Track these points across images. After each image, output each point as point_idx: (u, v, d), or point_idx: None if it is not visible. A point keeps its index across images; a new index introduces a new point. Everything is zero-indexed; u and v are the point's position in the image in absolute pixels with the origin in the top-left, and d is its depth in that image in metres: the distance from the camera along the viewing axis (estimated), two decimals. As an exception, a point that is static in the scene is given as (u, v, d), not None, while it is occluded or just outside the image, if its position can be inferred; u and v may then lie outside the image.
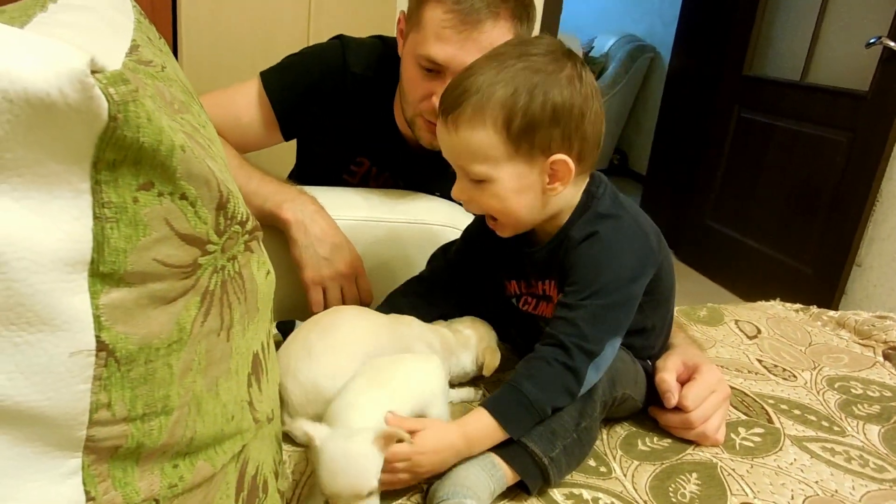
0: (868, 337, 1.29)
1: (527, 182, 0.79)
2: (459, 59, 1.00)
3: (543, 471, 0.75)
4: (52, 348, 0.35)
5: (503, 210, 0.81)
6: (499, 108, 0.75)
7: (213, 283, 0.47)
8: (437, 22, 1.01)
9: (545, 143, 0.77)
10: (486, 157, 0.77)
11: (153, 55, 0.68)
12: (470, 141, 0.77)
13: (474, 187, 0.81)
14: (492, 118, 0.75)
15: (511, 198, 0.79)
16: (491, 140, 0.76)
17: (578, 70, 0.78)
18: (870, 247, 2.52)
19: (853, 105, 2.56)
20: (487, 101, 0.75)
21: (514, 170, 0.78)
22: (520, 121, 0.75)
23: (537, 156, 0.77)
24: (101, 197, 0.35)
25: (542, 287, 0.90)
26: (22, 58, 0.29)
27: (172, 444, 0.46)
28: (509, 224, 0.84)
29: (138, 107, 0.34)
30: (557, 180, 0.79)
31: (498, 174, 0.78)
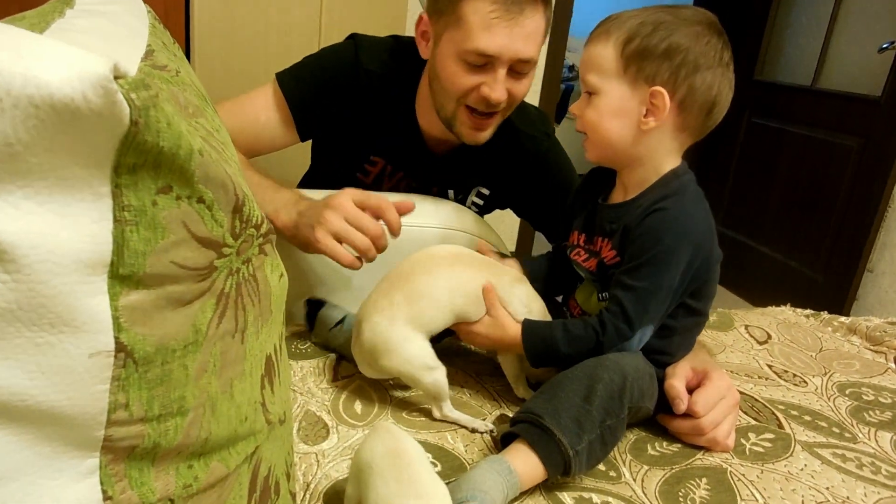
0: (880, 343, 1.28)
1: (625, 106, 0.88)
2: (509, 49, 1.04)
3: (567, 461, 0.76)
4: (73, 349, 0.36)
5: (597, 125, 0.90)
6: (624, 30, 0.86)
7: (228, 286, 0.47)
8: (483, 15, 1.03)
9: (651, 73, 0.86)
10: (599, 67, 0.88)
11: (168, 60, 0.69)
12: (592, 52, 0.89)
13: (586, 100, 0.91)
14: (615, 36, 0.87)
15: (607, 116, 0.89)
16: (607, 53, 0.87)
17: (711, 33, 0.86)
18: (882, 252, 2.51)
19: (865, 110, 2.54)
20: (618, 25, 0.87)
21: (619, 89, 0.87)
22: (636, 44, 0.85)
23: (641, 83, 0.86)
24: (122, 200, 0.35)
25: (600, 244, 0.95)
26: (47, 64, 0.30)
27: (188, 445, 0.46)
28: (597, 143, 0.92)
29: (158, 111, 0.34)
30: (652, 115, 0.87)
31: (604, 87, 0.88)
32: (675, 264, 0.85)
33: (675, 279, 0.85)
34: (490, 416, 0.93)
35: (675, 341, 0.94)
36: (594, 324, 0.87)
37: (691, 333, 0.97)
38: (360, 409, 0.92)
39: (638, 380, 0.84)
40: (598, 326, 0.87)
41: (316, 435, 0.85)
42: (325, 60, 1.21)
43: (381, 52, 1.21)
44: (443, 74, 1.11)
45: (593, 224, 0.98)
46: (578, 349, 0.87)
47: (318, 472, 0.78)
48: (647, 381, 0.87)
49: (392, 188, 1.32)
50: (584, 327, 0.87)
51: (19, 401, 0.36)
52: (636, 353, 0.88)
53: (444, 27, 1.08)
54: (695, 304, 0.92)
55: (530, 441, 0.77)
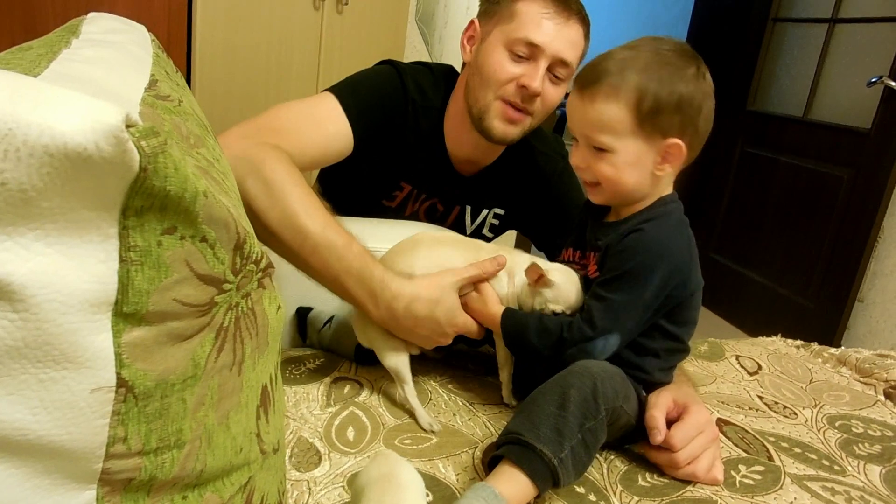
0: (869, 375, 1.29)
1: (641, 158, 0.91)
2: (554, 45, 1.14)
3: (553, 472, 0.77)
4: (75, 385, 0.37)
5: (614, 178, 0.92)
6: (633, 89, 0.87)
7: (227, 320, 0.48)
8: (535, 12, 1.14)
9: (665, 127, 0.89)
10: (612, 129, 0.89)
11: (170, 90, 0.70)
12: (602, 113, 0.89)
13: (593, 155, 0.92)
14: (625, 97, 0.88)
15: (624, 169, 0.91)
16: (621, 115, 0.88)
17: (701, 70, 0.91)
18: (872, 282, 2.53)
19: (855, 142, 2.59)
20: (623, 82, 0.87)
21: (634, 145, 0.90)
22: (649, 104, 0.87)
23: (656, 137, 0.89)
24: (128, 241, 0.36)
25: (593, 259, 0.99)
26: (62, 114, 0.31)
27: (183, 477, 0.47)
28: (610, 192, 0.94)
29: (166, 157, 0.36)
30: (667, 162, 0.91)
31: (619, 146, 0.90)
32: (648, 282, 0.88)
33: (647, 296, 0.89)
34: (482, 445, 0.94)
35: (651, 361, 0.95)
36: (564, 322, 0.92)
37: (671, 358, 0.98)
38: (352, 436, 0.93)
39: (608, 379, 0.85)
40: (566, 324, 0.91)
41: (308, 462, 0.86)
42: (375, 82, 1.23)
43: (421, 80, 1.27)
44: (487, 64, 1.17)
45: (585, 241, 1.02)
46: (544, 342, 0.92)
47: (309, 500, 0.78)
48: (619, 381, 0.88)
49: (416, 210, 1.37)
50: (556, 324, 0.92)
51: (21, 435, 0.37)
52: (603, 361, 0.90)
53: (496, 24, 1.17)
54: (672, 328, 0.94)
55: (514, 459, 0.77)
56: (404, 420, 0.98)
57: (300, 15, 1.96)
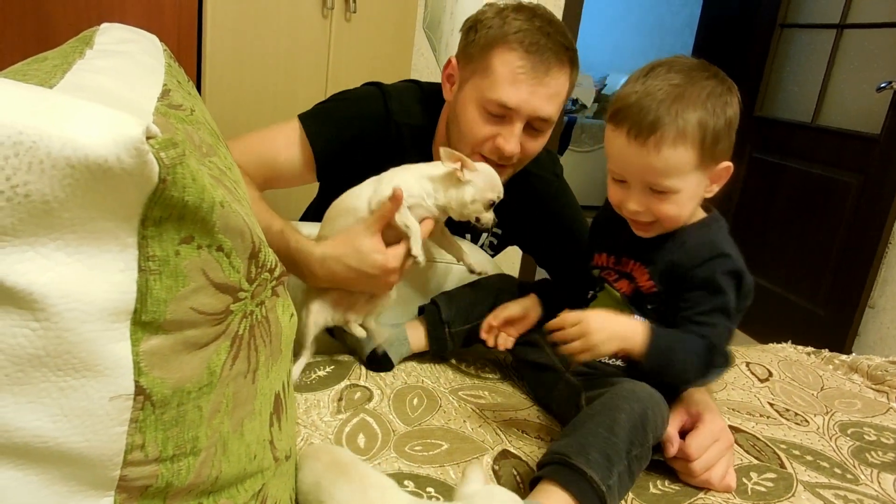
0: (881, 382, 1.28)
1: (700, 188, 0.91)
2: (530, 104, 1.08)
3: (601, 498, 0.75)
4: (94, 393, 0.37)
5: (677, 215, 0.92)
6: (697, 128, 0.86)
7: (242, 328, 0.49)
8: (511, 68, 1.07)
9: (721, 153, 0.90)
10: (679, 171, 0.88)
11: (183, 99, 0.71)
12: (669, 159, 0.87)
13: (654, 197, 0.91)
14: (692, 138, 0.86)
15: (686, 204, 0.91)
16: (689, 156, 0.87)
17: (730, 85, 0.92)
18: (883, 288, 2.52)
19: (864, 148, 2.57)
20: (686, 124, 0.86)
21: (696, 179, 0.90)
22: (710, 138, 0.87)
23: (712, 164, 0.90)
24: (147, 251, 0.37)
25: (632, 267, 0.98)
26: (84, 127, 0.32)
27: (198, 484, 0.47)
28: (667, 227, 0.94)
29: (185, 168, 0.36)
30: (717, 183, 0.92)
31: (684, 185, 0.89)
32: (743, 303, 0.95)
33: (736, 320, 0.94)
34: (491, 451, 0.94)
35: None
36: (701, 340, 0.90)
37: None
38: (363, 442, 0.93)
39: (656, 406, 0.84)
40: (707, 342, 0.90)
41: (319, 469, 0.86)
42: (353, 111, 1.22)
43: (410, 102, 1.23)
44: (462, 119, 1.13)
45: (623, 247, 1.00)
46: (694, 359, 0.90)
47: (321, 508, 0.79)
48: (665, 408, 0.87)
49: None
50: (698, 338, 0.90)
51: (41, 442, 0.37)
52: (649, 386, 0.88)
53: (472, 73, 1.12)
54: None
55: (561, 483, 0.75)
56: (415, 427, 0.98)
57: (308, 23, 1.97)
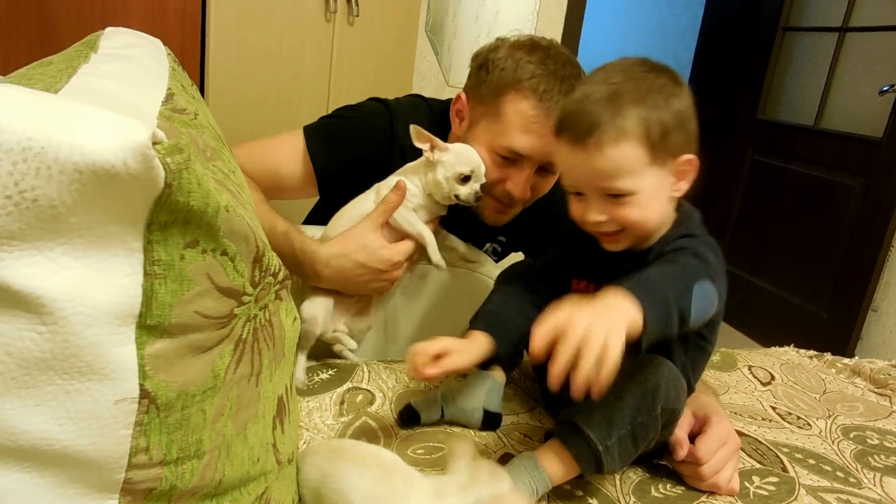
0: (884, 386, 1.28)
1: (662, 186, 0.86)
2: (541, 150, 1.08)
3: (598, 457, 0.78)
4: (100, 396, 0.38)
5: (641, 220, 0.86)
6: (638, 122, 0.82)
7: (245, 332, 0.49)
8: (523, 116, 1.07)
9: (676, 146, 0.85)
10: (630, 170, 0.83)
11: (187, 103, 0.71)
12: (615, 158, 0.82)
13: (614, 204, 0.85)
14: (634, 133, 0.82)
15: (650, 205, 0.86)
16: (636, 153, 0.82)
17: (676, 78, 0.87)
18: (886, 292, 2.51)
19: (867, 151, 2.57)
20: (625, 120, 0.81)
21: (653, 176, 0.85)
22: (657, 131, 0.82)
23: (668, 160, 0.85)
24: (152, 255, 0.37)
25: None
26: (92, 132, 0.32)
27: (202, 487, 0.47)
28: (637, 235, 0.88)
29: (190, 173, 0.37)
30: (683, 179, 0.87)
31: (640, 185, 0.84)
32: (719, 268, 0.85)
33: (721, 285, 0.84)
34: (495, 455, 0.94)
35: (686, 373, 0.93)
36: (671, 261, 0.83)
37: (697, 367, 0.96)
38: (365, 446, 0.93)
39: (672, 381, 0.84)
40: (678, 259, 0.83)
41: (322, 472, 0.86)
42: (358, 130, 1.22)
43: (414, 119, 1.19)
44: None
45: (603, 272, 0.94)
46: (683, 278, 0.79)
47: (323, 511, 0.79)
48: (682, 388, 0.87)
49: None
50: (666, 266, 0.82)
51: (47, 445, 0.38)
52: (662, 357, 0.86)
53: (482, 115, 1.12)
54: (703, 341, 0.93)
55: (563, 440, 0.80)
56: (417, 430, 0.98)
57: (312, 27, 1.97)
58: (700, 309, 0.78)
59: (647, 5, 5.19)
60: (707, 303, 0.81)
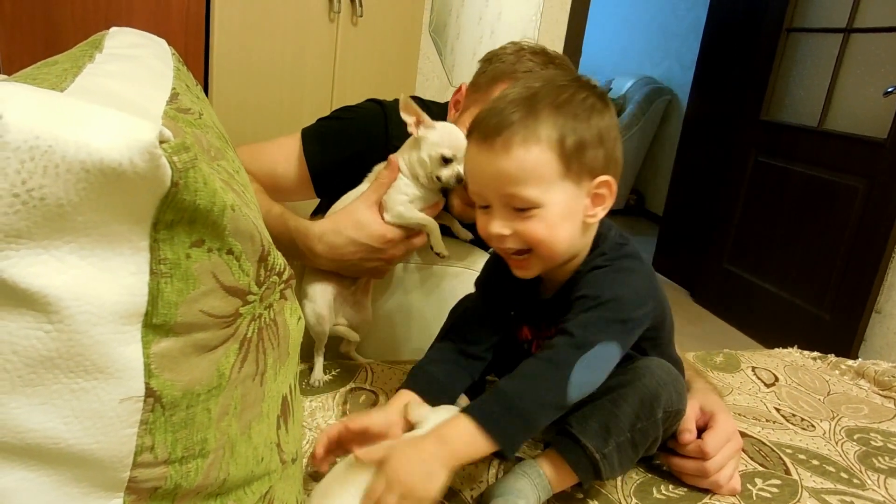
0: (888, 388, 1.28)
1: (573, 207, 0.77)
2: None
3: (595, 465, 0.78)
4: (105, 395, 0.38)
5: (549, 238, 0.77)
6: (551, 126, 0.74)
7: (250, 331, 0.49)
8: None
9: (593, 164, 0.76)
10: (539, 178, 0.75)
11: (191, 103, 0.71)
12: (523, 161, 0.74)
13: (519, 217, 0.77)
14: (546, 137, 0.74)
15: (559, 224, 0.77)
16: (545, 157, 0.74)
17: (604, 98, 0.79)
18: (889, 293, 2.51)
19: (871, 152, 2.57)
20: (539, 122, 0.74)
21: (563, 193, 0.76)
22: (572, 139, 0.74)
23: (584, 177, 0.77)
24: (158, 254, 0.37)
25: (556, 332, 0.83)
26: (99, 131, 0.32)
27: (206, 486, 0.48)
28: (544, 257, 0.80)
29: (197, 172, 0.37)
30: (598, 205, 0.78)
31: (549, 198, 0.76)
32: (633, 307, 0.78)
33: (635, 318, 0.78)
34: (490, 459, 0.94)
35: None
36: (539, 355, 0.75)
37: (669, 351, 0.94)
38: (368, 446, 0.93)
39: (671, 383, 0.83)
40: (547, 352, 0.75)
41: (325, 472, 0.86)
42: (352, 131, 1.22)
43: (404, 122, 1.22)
44: None
45: (538, 316, 0.91)
46: (543, 386, 0.73)
47: (327, 511, 0.79)
48: (682, 384, 0.86)
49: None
50: (534, 360, 0.75)
51: (52, 444, 0.38)
52: (661, 360, 0.85)
53: (474, 102, 1.13)
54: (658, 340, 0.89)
55: (559, 449, 0.80)
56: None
57: (315, 27, 1.98)
58: (588, 381, 0.75)
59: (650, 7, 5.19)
60: (600, 365, 0.75)
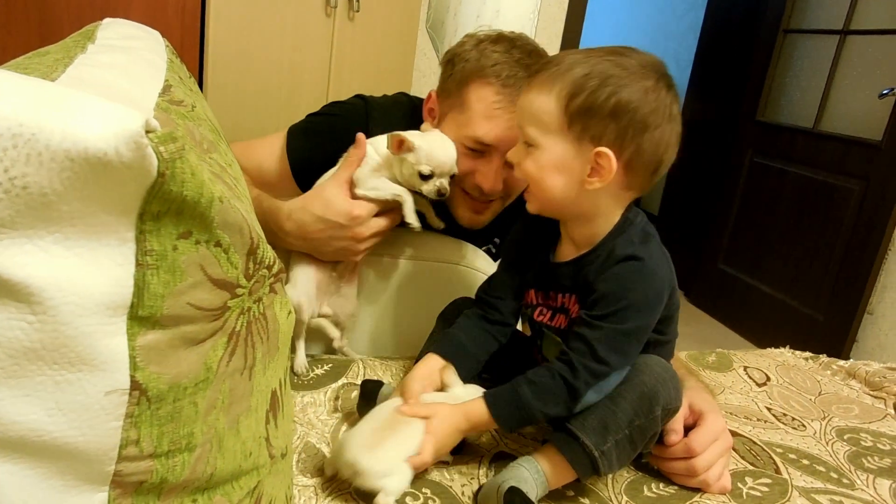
0: (879, 388, 1.28)
1: (568, 164, 0.82)
2: (508, 138, 1.04)
3: (594, 462, 0.79)
4: (90, 387, 0.37)
5: (538, 180, 0.85)
6: (568, 82, 0.80)
7: (239, 325, 0.49)
8: (487, 103, 1.05)
9: (597, 133, 0.80)
10: (539, 121, 0.82)
11: (184, 95, 0.71)
12: (533, 102, 0.83)
13: (524, 150, 0.86)
14: (558, 89, 0.80)
15: (548, 171, 0.83)
16: (549, 107, 0.81)
17: (660, 85, 0.81)
18: (882, 295, 2.52)
19: (866, 154, 2.58)
20: (561, 74, 0.81)
21: (561, 146, 0.82)
22: (581, 100, 0.79)
23: (585, 142, 0.81)
24: (145, 245, 0.37)
25: (562, 300, 0.91)
26: (84, 119, 0.32)
27: (193, 480, 0.47)
28: (538, 198, 0.87)
29: (184, 163, 0.36)
30: (597, 175, 0.81)
31: (545, 142, 0.83)
32: (654, 311, 0.83)
33: (651, 321, 0.84)
34: (488, 455, 0.93)
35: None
36: (559, 369, 0.81)
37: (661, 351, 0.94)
38: (359, 442, 0.93)
39: (669, 380, 0.84)
40: (567, 371, 0.80)
41: (315, 467, 0.86)
42: (334, 126, 1.22)
43: (393, 120, 1.20)
44: None
45: (547, 281, 0.94)
46: (554, 402, 0.81)
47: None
48: (678, 380, 0.87)
49: None
50: (551, 375, 0.81)
51: (36, 436, 0.37)
52: (659, 358, 0.86)
53: (450, 108, 1.11)
54: (664, 336, 0.91)
55: (558, 445, 0.81)
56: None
57: (312, 21, 1.97)
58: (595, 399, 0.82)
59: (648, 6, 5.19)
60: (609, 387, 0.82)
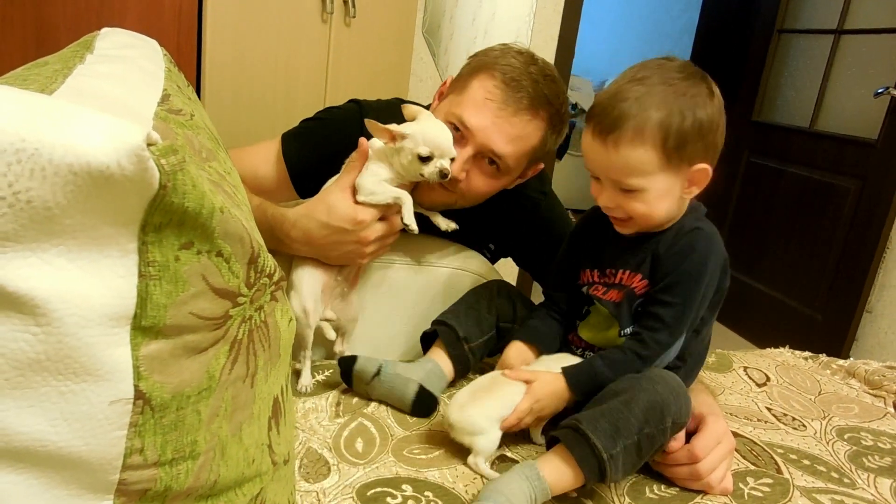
0: (878, 387, 1.29)
1: (671, 188, 0.91)
2: (485, 133, 1.06)
3: (602, 465, 0.79)
4: (94, 397, 0.38)
5: (647, 213, 0.93)
6: (657, 129, 0.87)
7: (241, 333, 0.49)
8: (484, 90, 1.07)
9: (692, 156, 0.89)
10: (641, 171, 0.89)
11: (182, 104, 0.71)
12: (629, 158, 0.88)
13: (623, 195, 0.92)
14: (651, 138, 0.87)
15: (656, 203, 0.92)
16: (649, 157, 0.88)
17: (711, 88, 0.91)
18: (880, 294, 2.52)
19: (862, 153, 2.58)
20: (645, 124, 0.87)
21: (663, 179, 0.90)
22: (673, 140, 0.87)
23: (682, 166, 0.90)
24: (147, 256, 0.37)
25: (620, 276, 0.99)
26: (86, 134, 0.32)
27: (197, 488, 0.47)
28: (642, 224, 0.95)
29: (185, 175, 0.37)
30: (695, 185, 0.92)
31: (649, 184, 0.90)
32: (709, 278, 0.92)
33: (708, 291, 0.93)
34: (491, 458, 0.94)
35: (681, 368, 0.98)
36: (631, 346, 0.92)
37: (697, 359, 1.02)
38: (361, 446, 0.93)
39: (682, 395, 0.86)
40: (637, 346, 0.92)
41: (317, 473, 0.86)
42: (329, 130, 1.23)
43: (386, 121, 1.17)
44: None
45: (606, 258, 1.01)
46: (623, 371, 0.91)
47: (319, 512, 0.79)
48: (689, 399, 0.89)
49: None
50: (622, 351, 0.93)
51: (41, 446, 0.38)
52: (671, 373, 0.91)
53: (452, 90, 1.14)
54: (703, 324, 0.99)
55: (568, 445, 0.81)
56: (413, 431, 0.98)
57: (308, 27, 1.97)
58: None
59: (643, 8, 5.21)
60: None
